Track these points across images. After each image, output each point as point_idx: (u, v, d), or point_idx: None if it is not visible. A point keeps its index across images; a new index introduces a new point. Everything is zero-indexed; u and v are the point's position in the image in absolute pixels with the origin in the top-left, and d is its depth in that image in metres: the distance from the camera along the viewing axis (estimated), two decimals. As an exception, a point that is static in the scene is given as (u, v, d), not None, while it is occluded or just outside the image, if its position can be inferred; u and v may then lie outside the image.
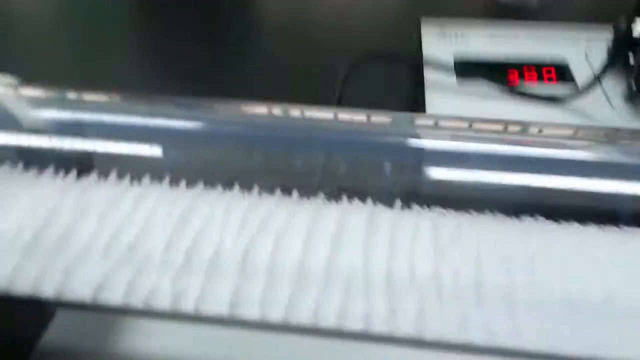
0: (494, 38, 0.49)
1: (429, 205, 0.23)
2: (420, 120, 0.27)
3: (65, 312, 0.30)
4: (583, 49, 0.47)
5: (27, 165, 0.25)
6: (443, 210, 0.23)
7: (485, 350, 0.21)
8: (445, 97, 0.43)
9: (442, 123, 0.26)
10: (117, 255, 0.23)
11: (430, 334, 0.21)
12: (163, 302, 0.22)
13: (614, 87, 0.42)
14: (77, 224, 0.23)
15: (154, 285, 0.22)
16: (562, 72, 0.44)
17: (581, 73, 0.44)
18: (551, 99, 0.40)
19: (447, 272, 0.22)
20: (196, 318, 0.22)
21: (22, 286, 0.22)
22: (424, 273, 0.22)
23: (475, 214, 0.23)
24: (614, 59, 0.40)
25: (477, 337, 0.20)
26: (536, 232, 0.23)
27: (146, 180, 0.25)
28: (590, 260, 0.22)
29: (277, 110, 0.27)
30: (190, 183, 0.25)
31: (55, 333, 0.30)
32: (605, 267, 0.22)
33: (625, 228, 0.22)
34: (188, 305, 0.21)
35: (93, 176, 0.25)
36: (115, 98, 0.27)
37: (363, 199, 0.24)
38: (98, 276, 0.22)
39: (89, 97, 0.27)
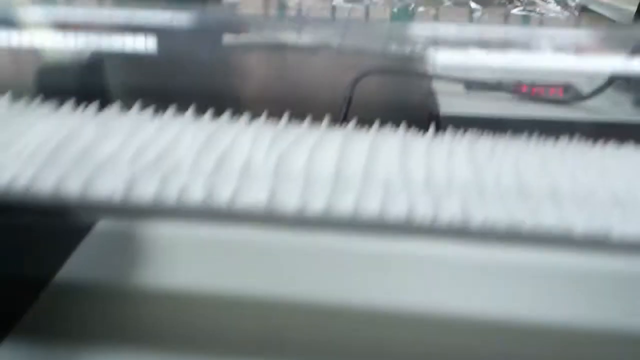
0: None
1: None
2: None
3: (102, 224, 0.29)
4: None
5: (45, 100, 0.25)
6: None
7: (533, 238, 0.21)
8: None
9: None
10: (145, 161, 0.22)
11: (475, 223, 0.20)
12: (195, 198, 0.21)
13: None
14: (101, 140, 0.23)
15: (185, 184, 0.21)
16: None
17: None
18: (559, 101, 0.40)
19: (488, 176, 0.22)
20: (229, 215, 0.21)
21: (49, 187, 0.21)
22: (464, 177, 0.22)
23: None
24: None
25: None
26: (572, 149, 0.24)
27: (169, 112, 0.25)
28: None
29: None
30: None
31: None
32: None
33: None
34: (222, 200, 0.21)
35: (114, 108, 0.25)
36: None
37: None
38: (128, 176, 0.21)
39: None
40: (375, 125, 0.25)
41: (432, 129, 0.24)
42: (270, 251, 0.28)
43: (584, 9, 0.71)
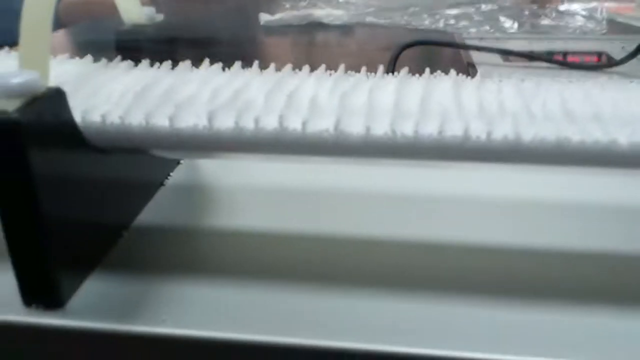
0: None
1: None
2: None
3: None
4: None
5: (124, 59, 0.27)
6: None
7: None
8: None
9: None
10: (222, 99, 0.24)
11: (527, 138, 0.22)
12: (269, 128, 0.23)
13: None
14: (179, 86, 0.25)
15: (259, 116, 0.23)
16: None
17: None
18: (593, 67, 0.43)
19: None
20: (302, 141, 0.23)
21: (139, 120, 0.23)
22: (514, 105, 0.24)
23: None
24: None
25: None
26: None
27: (236, 65, 0.27)
28: None
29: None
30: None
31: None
32: None
33: None
34: (297, 125, 0.23)
35: (186, 63, 0.27)
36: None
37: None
38: (208, 109, 0.23)
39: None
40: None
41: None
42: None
43: (610, 22, 0.73)
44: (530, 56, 0.48)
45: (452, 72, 0.26)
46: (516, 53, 0.48)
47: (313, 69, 0.27)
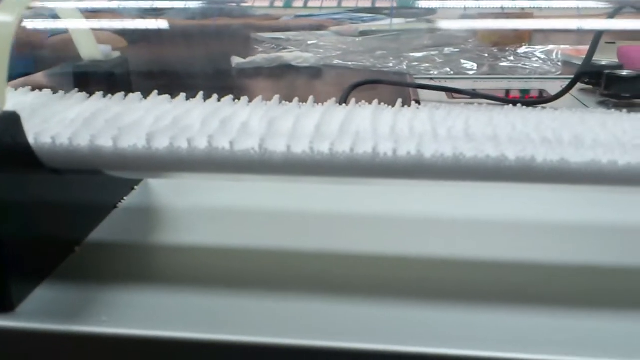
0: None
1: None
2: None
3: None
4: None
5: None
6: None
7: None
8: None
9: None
10: (162, 124, 0.27)
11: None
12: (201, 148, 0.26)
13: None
14: (126, 113, 0.28)
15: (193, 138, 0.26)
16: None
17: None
18: (528, 103, 0.47)
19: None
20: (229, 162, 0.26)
21: (84, 143, 0.26)
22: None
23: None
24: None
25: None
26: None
27: (181, 96, 0.30)
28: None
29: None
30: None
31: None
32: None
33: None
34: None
35: (136, 95, 0.30)
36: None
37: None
38: (148, 131, 0.26)
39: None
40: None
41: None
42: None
43: (566, 63, 0.78)
44: (472, 94, 0.51)
45: (375, 101, 0.29)
46: (458, 90, 0.51)
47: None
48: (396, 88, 0.56)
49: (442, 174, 0.25)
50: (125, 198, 0.35)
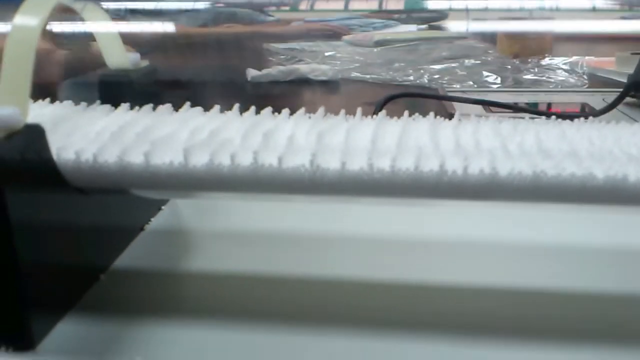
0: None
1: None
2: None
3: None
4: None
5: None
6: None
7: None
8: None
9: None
10: (199, 138, 0.24)
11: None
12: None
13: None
14: (157, 126, 0.25)
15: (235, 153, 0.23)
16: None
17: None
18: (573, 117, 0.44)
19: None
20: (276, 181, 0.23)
21: (112, 159, 0.23)
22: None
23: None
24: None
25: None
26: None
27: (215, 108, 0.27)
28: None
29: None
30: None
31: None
32: None
33: None
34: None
35: (167, 106, 0.27)
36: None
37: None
38: (184, 146, 0.23)
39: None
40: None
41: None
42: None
43: (591, 76, 0.75)
44: (513, 107, 0.49)
45: (431, 114, 0.27)
46: (499, 104, 0.49)
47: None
48: (428, 102, 0.53)
49: (519, 195, 0.22)
50: (152, 219, 0.32)
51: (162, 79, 0.38)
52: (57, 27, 0.29)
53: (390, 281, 0.27)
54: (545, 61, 0.80)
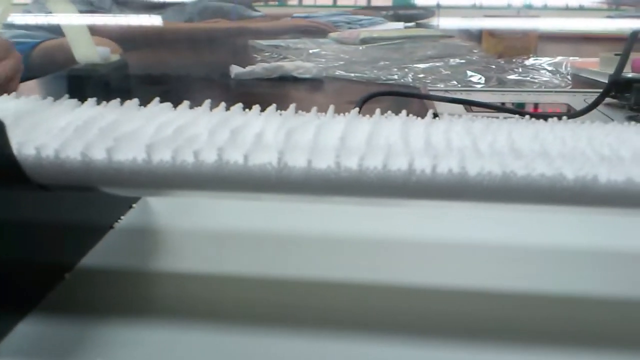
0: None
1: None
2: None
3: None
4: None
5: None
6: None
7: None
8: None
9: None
10: (164, 134, 0.24)
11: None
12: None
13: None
14: (123, 122, 0.25)
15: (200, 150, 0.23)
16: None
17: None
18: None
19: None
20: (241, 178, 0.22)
21: (74, 155, 0.22)
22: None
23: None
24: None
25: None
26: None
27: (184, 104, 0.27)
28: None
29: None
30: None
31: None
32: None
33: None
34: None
35: (134, 101, 0.27)
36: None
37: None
38: (147, 142, 0.23)
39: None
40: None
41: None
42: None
43: (575, 77, 0.75)
44: (494, 107, 0.48)
45: (403, 112, 0.26)
46: (480, 104, 0.48)
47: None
48: (408, 100, 0.53)
49: (488, 195, 0.22)
50: (122, 217, 0.31)
51: (140, 74, 0.38)
52: (22, 19, 0.28)
53: (368, 282, 0.27)
54: (530, 61, 0.79)
